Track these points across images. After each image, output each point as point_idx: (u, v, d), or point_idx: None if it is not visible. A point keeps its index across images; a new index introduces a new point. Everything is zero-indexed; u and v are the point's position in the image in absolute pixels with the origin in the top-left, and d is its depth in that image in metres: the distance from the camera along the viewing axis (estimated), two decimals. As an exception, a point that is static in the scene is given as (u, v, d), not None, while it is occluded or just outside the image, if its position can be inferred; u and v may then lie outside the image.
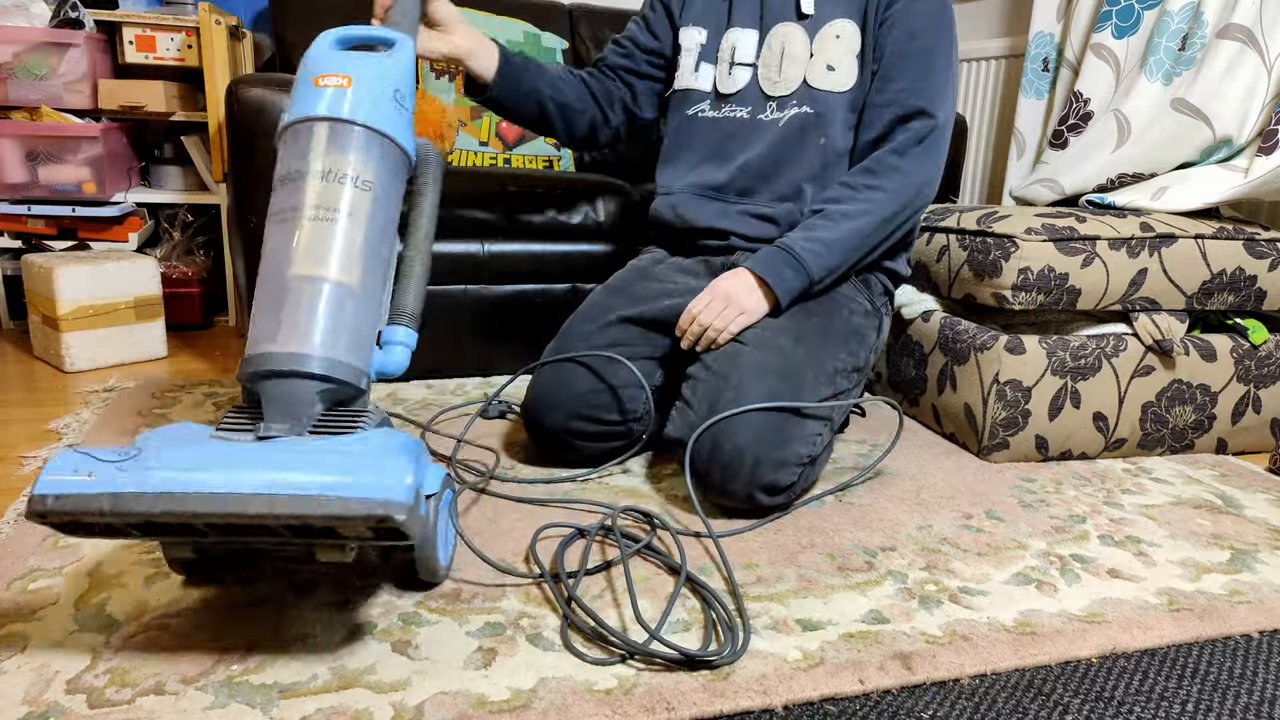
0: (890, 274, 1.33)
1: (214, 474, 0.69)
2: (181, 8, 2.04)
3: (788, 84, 1.25)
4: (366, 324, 0.86)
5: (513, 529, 1.05)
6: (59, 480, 0.68)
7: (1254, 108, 1.47)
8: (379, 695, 0.73)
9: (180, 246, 2.13)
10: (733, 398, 1.08)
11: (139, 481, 0.68)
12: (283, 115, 0.91)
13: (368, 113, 0.88)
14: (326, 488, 0.68)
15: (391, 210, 0.91)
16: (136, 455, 0.70)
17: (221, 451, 0.72)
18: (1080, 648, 0.84)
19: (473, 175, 1.65)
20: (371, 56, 0.91)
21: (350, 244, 0.84)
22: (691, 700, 0.73)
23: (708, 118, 1.32)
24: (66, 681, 0.73)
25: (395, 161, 0.91)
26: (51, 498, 0.68)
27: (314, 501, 0.67)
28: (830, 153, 1.24)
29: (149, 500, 0.68)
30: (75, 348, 1.69)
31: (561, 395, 1.21)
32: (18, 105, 1.93)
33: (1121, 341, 1.35)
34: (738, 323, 1.16)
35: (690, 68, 1.33)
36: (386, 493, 0.68)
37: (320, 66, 0.89)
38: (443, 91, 1.93)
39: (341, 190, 0.85)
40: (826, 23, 1.23)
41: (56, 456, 0.70)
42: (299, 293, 0.81)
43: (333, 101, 0.87)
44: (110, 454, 0.71)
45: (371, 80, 0.89)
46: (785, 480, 1.07)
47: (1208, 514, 1.19)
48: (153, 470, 0.69)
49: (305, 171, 0.85)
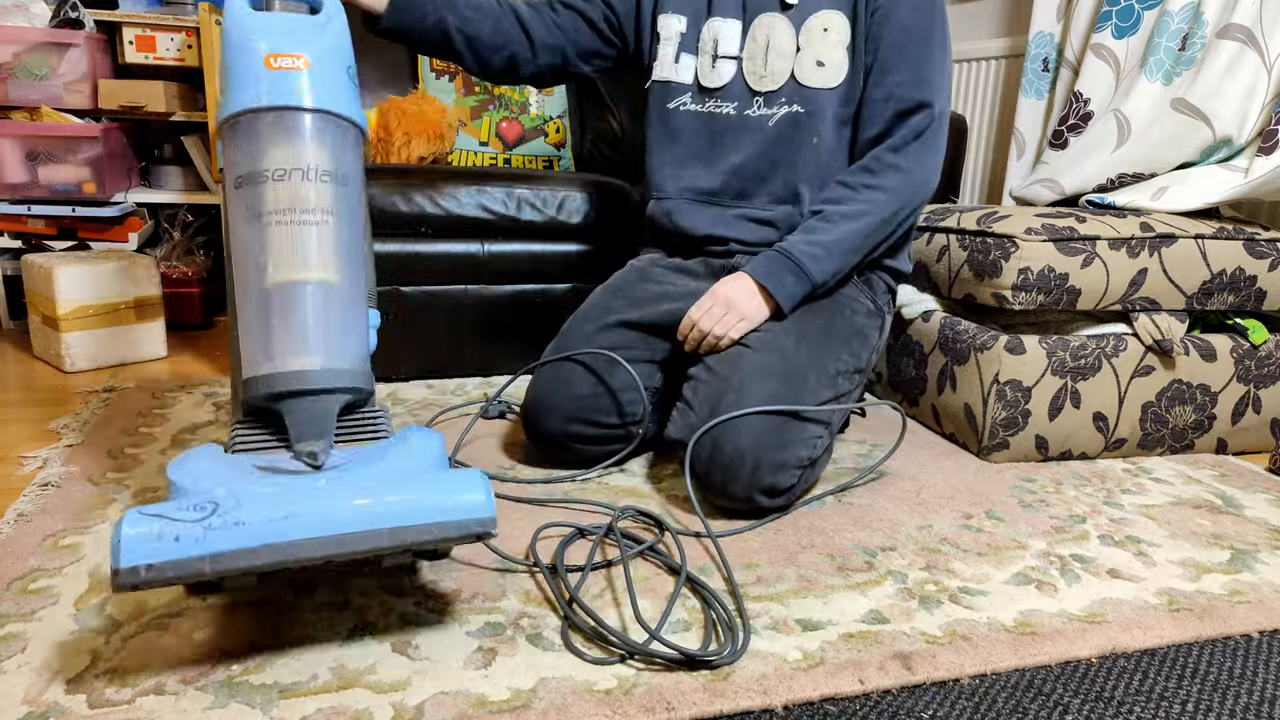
0: (892, 272, 1.32)
1: (309, 517, 0.69)
2: (181, 8, 2.04)
3: (774, 79, 1.23)
4: (364, 322, 0.86)
5: (512, 529, 1.05)
6: (145, 548, 0.65)
7: (1254, 108, 1.47)
8: (379, 695, 0.73)
9: (180, 246, 2.13)
10: (734, 400, 1.08)
11: (236, 538, 0.67)
12: (226, 94, 0.82)
13: (334, 98, 0.83)
14: (423, 514, 0.72)
15: (364, 196, 0.89)
16: (215, 509, 0.68)
17: (302, 491, 0.71)
18: (1080, 648, 0.84)
19: (473, 175, 1.65)
20: (315, 25, 0.84)
21: (343, 244, 0.83)
22: (691, 700, 0.73)
23: (690, 111, 1.29)
24: (66, 681, 0.73)
25: (359, 144, 0.88)
26: (144, 568, 0.65)
27: (421, 530, 0.72)
28: (824, 151, 1.23)
29: (254, 554, 0.68)
30: (75, 348, 1.69)
31: (560, 398, 1.21)
32: (18, 105, 1.93)
33: (1121, 341, 1.35)
34: (738, 329, 1.15)
35: (670, 58, 1.29)
36: (480, 511, 0.73)
37: (267, 40, 0.81)
38: (443, 91, 1.93)
39: (325, 189, 0.82)
40: (813, 13, 1.21)
41: (126, 522, 0.66)
42: (301, 302, 0.80)
43: (295, 87, 0.81)
44: (183, 510, 0.67)
45: (327, 58, 0.83)
46: (785, 483, 1.07)
47: (1208, 514, 1.19)
48: (246, 524, 0.67)
49: (285, 169, 0.81)
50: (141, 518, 0.66)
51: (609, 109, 2.08)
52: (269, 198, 0.81)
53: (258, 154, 0.81)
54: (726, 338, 1.15)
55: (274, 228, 0.81)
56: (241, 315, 0.82)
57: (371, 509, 0.70)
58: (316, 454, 0.77)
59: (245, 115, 0.80)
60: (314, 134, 0.82)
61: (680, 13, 1.29)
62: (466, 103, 1.93)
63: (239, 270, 0.82)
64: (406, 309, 1.63)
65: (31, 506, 1.06)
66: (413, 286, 1.63)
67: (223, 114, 0.82)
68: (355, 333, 0.83)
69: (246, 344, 0.81)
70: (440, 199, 1.61)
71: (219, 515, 0.67)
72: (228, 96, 0.81)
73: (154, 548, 0.65)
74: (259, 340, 0.80)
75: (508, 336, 1.72)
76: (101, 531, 1.00)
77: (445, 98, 1.92)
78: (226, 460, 0.77)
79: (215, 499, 0.68)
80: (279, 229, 0.81)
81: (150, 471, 1.19)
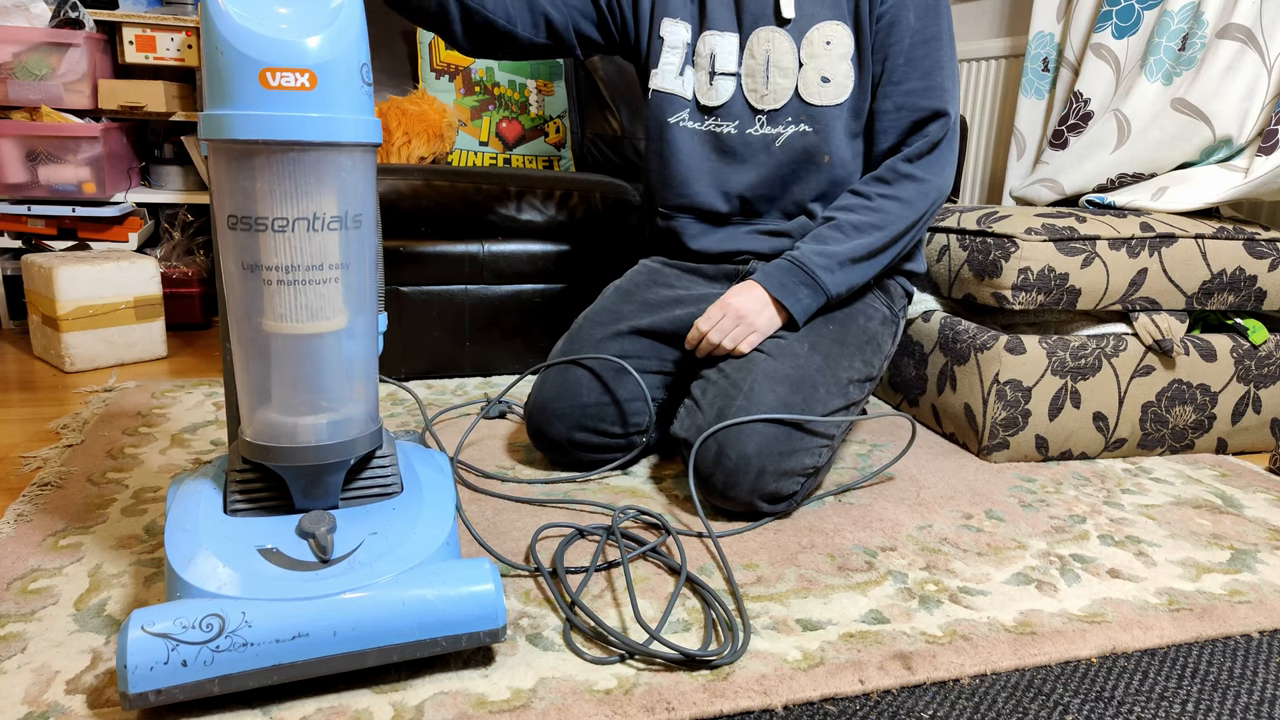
0: (909, 275, 1.31)
1: (319, 635, 0.70)
2: (181, 8, 2.04)
3: (777, 97, 1.19)
4: (374, 362, 0.79)
5: (512, 529, 1.05)
6: (153, 675, 0.66)
7: (1254, 108, 1.47)
8: (379, 695, 0.73)
9: (180, 246, 2.13)
10: (743, 405, 1.07)
11: (245, 660, 0.68)
12: (212, 102, 0.67)
13: (345, 124, 0.68)
14: (434, 629, 0.73)
15: (376, 212, 0.77)
16: (221, 627, 0.68)
17: (311, 605, 0.70)
18: (1080, 648, 0.84)
19: (473, 175, 1.65)
20: (323, 14, 0.67)
21: (354, 293, 0.74)
22: (691, 700, 0.73)
23: (690, 129, 1.25)
24: (66, 681, 0.73)
25: (373, 162, 0.74)
26: (153, 693, 0.66)
27: (430, 644, 0.74)
28: (837, 167, 1.20)
29: (263, 675, 0.69)
30: (75, 348, 1.69)
31: (566, 406, 1.20)
32: (18, 105, 1.93)
33: (1121, 341, 1.35)
34: (748, 342, 1.13)
35: (673, 69, 1.24)
36: (490, 623, 0.75)
37: (262, 51, 0.65)
38: (443, 91, 1.93)
39: (333, 241, 0.71)
40: (813, 26, 1.17)
41: (131, 644, 0.65)
42: (305, 357, 0.73)
43: (298, 115, 0.66)
44: (189, 629, 0.67)
45: (338, 64, 0.67)
46: (788, 490, 1.07)
47: (1208, 514, 1.19)
48: (254, 646, 0.68)
49: (287, 220, 0.69)
50: (147, 639, 0.66)
51: (609, 109, 2.08)
52: (267, 250, 0.69)
53: (253, 195, 0.68)
54: (736, 351, 1.13)
55: (274, 286, 0.70)
56: (237, 354, 0.75)
57: (383, 626, 0.72)
58: (325, 547, 0.74)
59: (237, 145, 0.66)
60: (321, 174, 0.69)
61: (684, 19, 1.24)
62: (466, 103, 1.93)
63: (232, 311, 0.73)
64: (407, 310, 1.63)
65: (31, 506, 1.06)
66: (413, 286, 1.63)
67: (209, 131, 0.67)
68: (364, 379, 0.78)
69: (244, 389, 0.75)
70: (440, 199, 1.61)
71: (226, 636, 0.68)
72: (214, 106, 0.67)
73: (162, 673, 0.66)
74: (256, 390, 0.74)
75: (507, 336, 1.72)
76: (101, 532, 1.00)
77: (445, 98, 1.92)
78: (227, 535, 0.75)
79: (221, 614, 0.68)
80: (280, 288, 0.70)
81: (150, 471, 1.18)
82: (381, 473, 0.82)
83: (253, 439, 0.75)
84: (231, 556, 0.73)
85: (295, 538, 0.76)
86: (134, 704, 0.66)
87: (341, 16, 0.68)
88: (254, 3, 0.66)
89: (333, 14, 0.68)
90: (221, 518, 0.77)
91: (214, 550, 0.73)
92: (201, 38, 0.66)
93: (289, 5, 0.67)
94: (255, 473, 0.79)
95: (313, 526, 0.75)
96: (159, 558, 0.94)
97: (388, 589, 0.73)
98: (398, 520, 0.80)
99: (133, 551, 0.96)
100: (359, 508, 0.81)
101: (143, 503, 1.09)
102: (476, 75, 1.94)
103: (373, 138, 0.71)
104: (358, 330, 0.76)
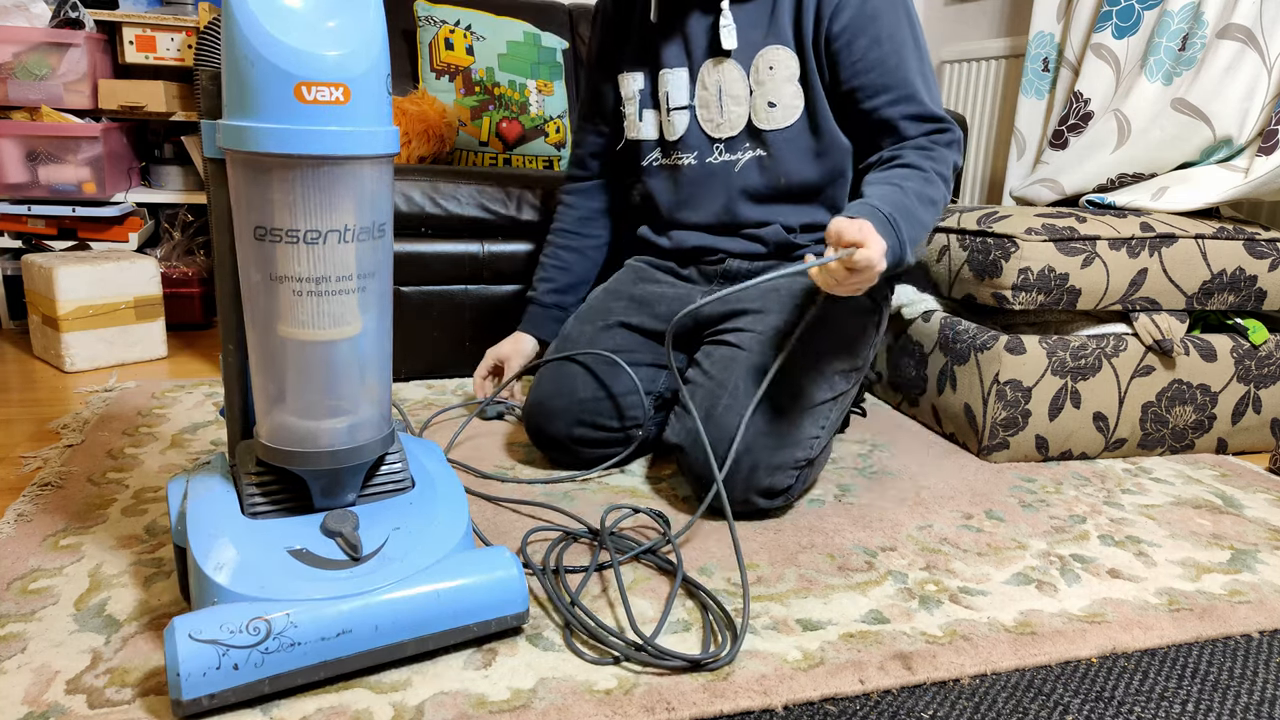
0: None
1: (362, 630, 0.73)
2: (181, 8, 2.04)
3: (733, 124, 1.21)
4: (389, 364, 0.80)
5: (511, 528, 1.05)
6: (206, 681, 0.67)
7: (1254, 108, 1.47)
8: (379, 695, 0.73)
9: (180, 246, 2.13)
10: (729, 404, 1.08)
11: (294, 659, 0.70)
12: (238, 113, 0.66)
13: (376, 137, 0.68)
14: (467, 616, 0.77)
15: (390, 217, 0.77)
16: (268, 630, 0.69)
17: (352, 602, 0.73)
18: (1080, 648, 0.84)
19: (473, 175, 1.65)
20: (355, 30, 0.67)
21: (375, 300, 0.75)
22: (691, 700, 0.73)
23: (660, 165, 1.29)
24: (66, 681, 0.73)
25: (392, 170, 0.74)
26: (206, 698, 0.68)
27: (463, 630, 0.78)
28: (796, 186, 1.21)
29: (311, 671, 0.72)
30: (75, 348, 1.69)
31: (563, 403, 1.21)
32: (18, 105, 1.93)
33: (1121, 341, 1.35)
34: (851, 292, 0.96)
35: (634, 117, 1.29)
36: (516, 606, 0.80)
37: (297, 65, 0.64)
38: (443, 91, 1.93)
39: (363, 251, 0.72)
40: (757, 52, 1.17)
41: (182, 652, 0.67)
42: (323, 362, 0.74)
43: (334, 130, 0.66)
44: (237, 634, 0.68)
45: (370, 75, 0.67)
46: (782, 484, 1.07)
47: (1208, 514, 1.19)
48: (302, 645, 0.71)
49: (319, 232, 0.69)
50: (197, 646, 0.67)
51: (609, 109, 2.07)
52: (296, 262, 0.70)
53: (284, 207, 0.68)
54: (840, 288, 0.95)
55: (303, 297, 0.71)
56: (255, 361, 0.75)
57: (420, 616, 0.75)
58: (356, 545, 0.76)
59: (268, 158, 0.66)
60: (354, 186, 0.69)
61: (636, 69, 1.27)
62: (466, 103, 1.93)
63: (252, 319, 0.74)
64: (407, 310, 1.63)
65: (32, 506, 1.06)
66: (412, 286, 1.63)
67: (233, 141, 0.66)
68: (380, 380, 0.79)
69: (261, 394, 0.76)
70: (440, 199, 1.61)
71: (274, 639, 0.70)
72: (239, 116, 0.66)
73: (214, 678, 0.68)
74: (273, 392, 0.75)
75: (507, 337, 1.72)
76: (101, 532, 1.00)
77: (445, 98, 1.92)
78: (254, 538, 0.75)
79: (267, 617, 0.70)
80: (308, 298, 0.71)
81: (150, 472, 1.18)
82: (394, 469, 0.85)
83: (273, 443, 0.76)
84: (264, 560, 0.74)
85: (321, 537, 0.77)
86: (188, 710, 0.67)
87: (371, 29, 0.68)
88: (286, 13, 0.65)
89: (364, 27, 0.67)
90: (243, 520, 0.77)
91: (245, 554, 0.74)
92: (224, 45, 0.65)
93: (322, 17, 0.66)
94: (272, 474, 0.79)
95: (338, 525, 0.77)
96: (159, 558, 0.94)
97: (421, 581, 0.76)
98: (416, 514, 0.82)
99: (133, 551, 0.96)
100: (376, 504, 0.82)
101: (143, 503, 1.09)
102: (476, 75, 1.94)
103: (395, 147, 0.71)
104: (377, 334, 0.77)
